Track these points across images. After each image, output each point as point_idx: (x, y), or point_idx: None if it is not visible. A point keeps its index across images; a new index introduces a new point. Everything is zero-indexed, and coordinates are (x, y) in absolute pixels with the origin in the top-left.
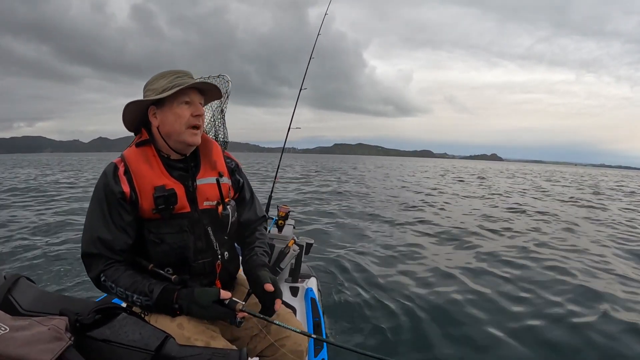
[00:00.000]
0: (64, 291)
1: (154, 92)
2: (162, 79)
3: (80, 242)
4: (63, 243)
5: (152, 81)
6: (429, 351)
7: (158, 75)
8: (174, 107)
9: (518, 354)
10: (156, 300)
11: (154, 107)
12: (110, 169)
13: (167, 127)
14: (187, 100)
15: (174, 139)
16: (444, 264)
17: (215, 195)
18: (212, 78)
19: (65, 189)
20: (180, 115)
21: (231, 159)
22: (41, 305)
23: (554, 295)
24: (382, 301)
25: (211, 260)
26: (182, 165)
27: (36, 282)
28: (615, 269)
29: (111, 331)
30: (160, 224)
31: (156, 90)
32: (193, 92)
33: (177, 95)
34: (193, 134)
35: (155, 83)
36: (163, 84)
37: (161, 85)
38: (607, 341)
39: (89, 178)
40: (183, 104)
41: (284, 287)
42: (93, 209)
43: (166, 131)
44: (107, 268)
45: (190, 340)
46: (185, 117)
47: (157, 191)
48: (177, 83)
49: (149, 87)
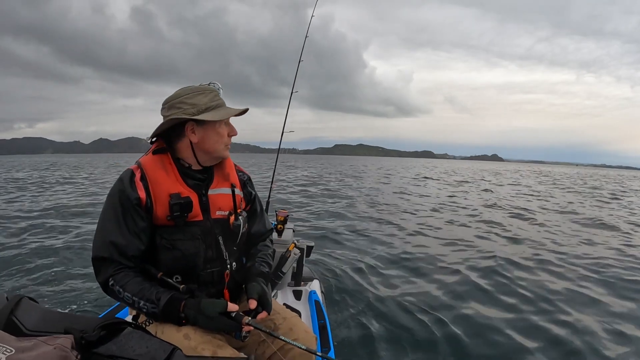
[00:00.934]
0: (67, 308)
1: (195, 108)
2: (201, 96)
3: (90, 248)
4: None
5: (188, 94)
6: (435, 353)
7: (194, 90)
8: (217, 127)
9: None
10: (163, 308)
11: (193, 123)
12: (127, 175)
13: (207, 144)
14: (226, 121)
15: (212, 156)
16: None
17: (228, 205)
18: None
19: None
20: (222, 135)
21: (243, 172)
22: (45, 324)
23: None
24: (389, 303)
25: (220, 269)
26: (200, 176)
27: (38, 301)
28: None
29: (117, 346)
30: (173, 230)
31: (197, 106)
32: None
33: (220, 116)
34: (227, 148)
35: (192, 97)
36: (205, 102)
37: (203, 103)
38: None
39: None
40: (224, 125)
41: (286, 291)
42: (107, 213)
43: (206, 148)
44: (117, 273)
45: (197, 350)
46: (225, 137)
47: (173, 198)
48: (218, 103)
49: (185, 100)
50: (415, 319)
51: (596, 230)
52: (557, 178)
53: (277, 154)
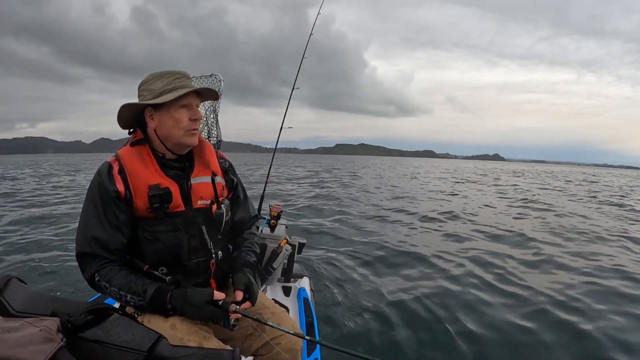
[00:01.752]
0: (56, 291)
1: (151, 93)
2: (159, 80)
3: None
4: (55, 242)
5: (149, 80)
6: (420, 352)
7: (155, 75)
8: (172, 111)
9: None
10: (149, 300)
11: (151, 109)
12: (105, 168)
13: (164, 130)
14: (185, 103)
15: (172, 142)
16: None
17: (210, 194)
18: (204, 77)
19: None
20: (179, 120)
21: (224, 159)
22: (32, 306)
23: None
24: (374, 301)
25: (205, 259)
26: (177, 165)
27: (27, 282)
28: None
29: (103, 332)
30: (154, 222)
31: (153, 92)
32: (191, 96)
33: (177, 100)
34: (191, 134)
35: (151, 83)
36: (160, 86)
37: (158, 87)
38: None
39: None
40: (181, 108)
41: (276, 287)
42: (87, 208)
43: (163, 134)
44: (102, 268)
45: (183, 340)
46: (184, 122)
47: (151, 190)
48: (176, 86)
49: (145, 86)
50: (404, 318)
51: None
52: (587, 179)
53: (275, 147)
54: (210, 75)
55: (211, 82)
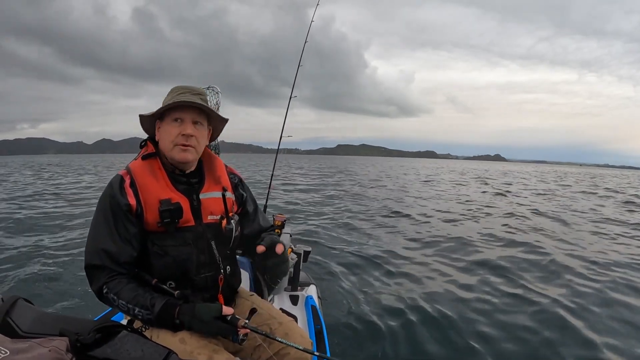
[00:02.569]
0: (63, 310)
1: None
2: (169, 94)
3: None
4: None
5: (169, 92)
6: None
7: (172, 89)
8: (166, 124)
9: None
10: (157, 314)
11: (159, 121)
12: (117, 181)
13: (161, 142)
14: (177, 117)
15: (167, 155)
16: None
17: (220, 209)
18: (202, 89)
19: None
20: (169, 133)
21: (234, 174)
22: (41, 326)
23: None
24: (385, 308)
25: (214, 274)
26: (186, 180)
27: (34, 302)
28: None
29: (112, 350)
30: (164, 236)
31: (164, 104)
32: (187, 111)
33: (169, 113)
34: (181, 149)
35: (167, 95)
36: (167, 100)
37: (166, 100)
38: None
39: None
40: (173, 121)
41: (283, 296)
42: (98, 220)
43: (161, 146)
44: (110, 280)
45: (193, 354)
46: (173, 135)
47: (162, 205)
48: (176, 100)
49: (164, 98)
50: (415, 324)
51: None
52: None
53: (275, 158)
54: (207, 87)
55: (208, 94)
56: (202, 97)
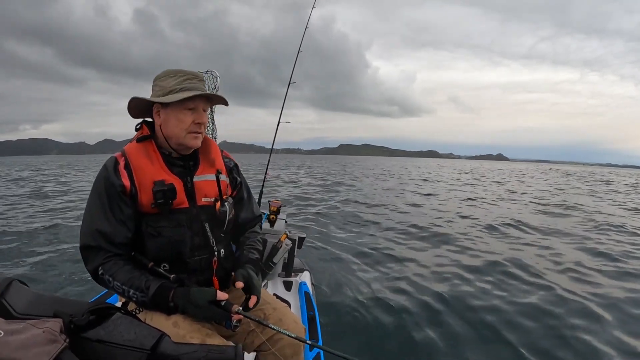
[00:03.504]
0: (57, 292)
1: (162, 90)
2: (171, 78)
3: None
4: (55, 243)
5: (162, 76)
6: (424, 346)
7: (169, 72)
8: (177, 112)
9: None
10: (152, 297)
11: (159, 105)
12: (111, 163)
13: (168, 129)
14: (191, 107)
15: (174, 141)
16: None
17: (214, 191)
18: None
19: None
20: (182, 121)
21: (230, 159)
22: (35, 307)
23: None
24: (376, 296)
25: (208, 256)
26: (182, 163)
27: (28, 284)
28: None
29: (106, 331)
30: (158, 218)
31: (164, 89)
32: (199, 99)
33: (183, 101)
34: (194, 137)
35: (164, 80)
36: (171, 84)
37: (169, 85)
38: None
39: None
40: (187, 110)
41: (277, 282)
42: (93, 201)
43: (167, 132)
44: (106, 261)
45: (186, 338)
46: (187, 123)
47: (156, 185)
48: (185, 87)
49: (158, 82)
50: (405, 312)
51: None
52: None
53: (272, 142)
54: (206, 71)
55: (207, 79)
56: (204, 82)
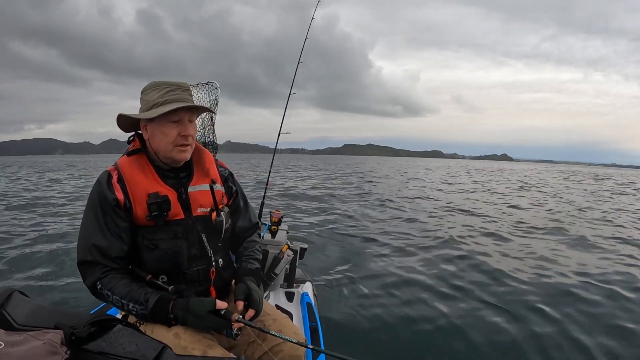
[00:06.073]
0: (58, 304)
1: (146, 104)
2: (154, 91)
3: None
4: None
5: (147, 90)
6: None
7: (153, 85)
8: (162, 126)
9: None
10: (151, 309)
11: (147, 121)
12: (104, 177)
13: (155, 143)
14: (175, 119)
15: (162, 155)
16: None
17: (209, 202)
18: (201, 85)
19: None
20: (167, 134)
21: (224, 168)
22: (35, 319)
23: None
24: (381, 307)
25: (205, 267)
26: (174, 174)
27: (29, 295)
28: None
29: (107, 343)
30: (154, 230)
31: (148, 103)
32: (183, 111)
33: (166, 114)
34: (181, 150)
35: (148, 94)
36: (154, 97)
37: (152, 99)
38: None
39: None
40: (171, 123)
41: (279, 293)
42: (88, 216)
43: (155, 147)
44: (104, 276)
45: (187, 349)
46: (172, 137)
47: (150, 198)
48: (167, 99)
49: (143, 96)
50: (412, 324)
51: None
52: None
53: (273, 155)
54: (206, 83)
55: (208, 90)
56: (189, 91)
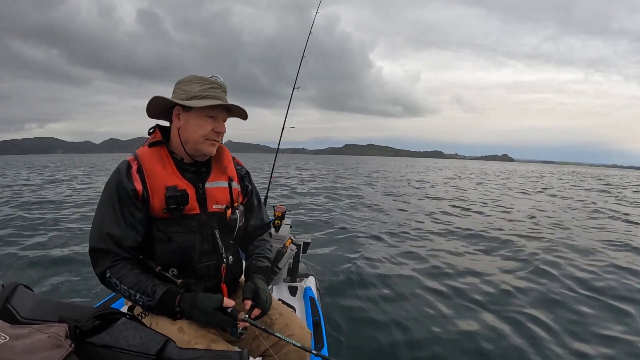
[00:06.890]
0: (63, 297)
1: (185, 94)
2: (196, 84)
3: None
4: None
5: (187, 81)
6: (429, 352)
7: (193, 78)
8: (198, 118)
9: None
10: (158, 301)
11: (180, 108)
12: (124, 167)
13: (186, 133)
14: (213, 115)
15: (191, 146)
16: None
17: (225, 199)
18: (206, 77)
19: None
20: (202, 127)
21: (242, 166)
22: (40, 312)
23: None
24: (384, 300)
25: (216, 263)
26: (194, 169)
27: (33, 289)
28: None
29: (111, 337)
30: (169, 223)
31: (187, 93)
32: (221, 109)
33: (205, 108)
34: (211, 144)
35: (188, 84)
36: (196, 90)
37: (193, 91)
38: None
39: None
40: (208, 118)
41: (282, 287)
42: (104, 204)
43: (185, 136)
44: (114, 265)
45: (191, 343)
46: (207, 130)
47: (169, 191)
48: (210, 94)
49: (182, 86)
50: (413, 318)
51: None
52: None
53: (277, 149)
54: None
55: None
56: (226, 93)
